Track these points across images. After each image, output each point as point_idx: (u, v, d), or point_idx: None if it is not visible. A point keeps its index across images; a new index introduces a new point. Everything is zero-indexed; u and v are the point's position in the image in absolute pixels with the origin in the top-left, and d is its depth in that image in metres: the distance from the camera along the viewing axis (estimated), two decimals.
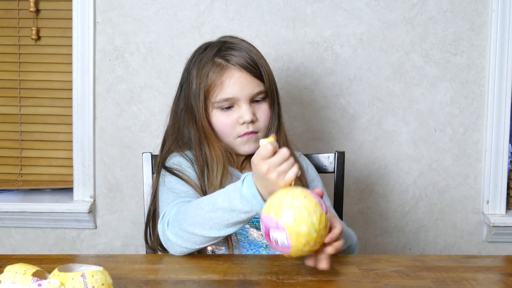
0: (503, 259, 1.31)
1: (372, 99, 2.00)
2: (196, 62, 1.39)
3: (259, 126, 1.37)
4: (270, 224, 1.01)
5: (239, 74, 1.34)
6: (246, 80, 1.35)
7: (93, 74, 2.00)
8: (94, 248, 2.05)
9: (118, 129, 2.02)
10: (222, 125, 1.36)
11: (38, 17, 2.05)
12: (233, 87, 1.34)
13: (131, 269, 1.12)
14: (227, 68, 1.35)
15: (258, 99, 1.37)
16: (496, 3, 1.95)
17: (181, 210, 1.21)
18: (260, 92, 1.37)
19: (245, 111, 1.35)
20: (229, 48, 1.37)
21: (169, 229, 1.20)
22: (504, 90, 1.98)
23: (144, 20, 1.99)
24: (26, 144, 2.09)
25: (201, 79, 1.36)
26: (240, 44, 1.39)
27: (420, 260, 1.20)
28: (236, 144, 1.38)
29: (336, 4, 1.97)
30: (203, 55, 1.39)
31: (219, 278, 1.07)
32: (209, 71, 1.35)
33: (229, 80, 1.34)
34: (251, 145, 1.37)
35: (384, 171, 2.03)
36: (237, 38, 1.42)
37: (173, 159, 1.39)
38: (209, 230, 1.15)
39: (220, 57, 1.36)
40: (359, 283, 1.05)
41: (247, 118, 1.34)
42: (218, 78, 1.34)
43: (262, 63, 1.38)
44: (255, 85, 1.36)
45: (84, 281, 0.89)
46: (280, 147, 1.17)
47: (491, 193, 2.01)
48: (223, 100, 1.34)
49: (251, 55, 1.37)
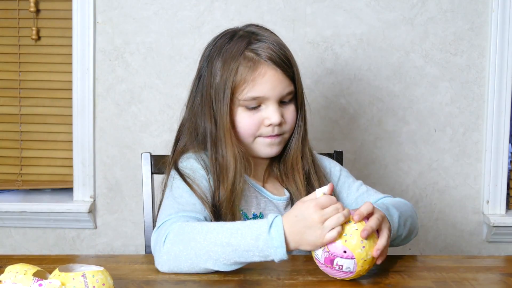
0: (503, 259, 1.31)
1: (372, 99, 2.00)
2: (222, 53, 1.26)
3: (285, 129, 1.28)
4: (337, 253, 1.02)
5: (272, 72, 1.23)
6: (278, 79, 1.24)
7: (93, 74, 2.00)
8: (94, 248, 2.05)
9: (118, 129, 2.02)
10: (245, 124, 1.25)
11: (38, 17, 2.05)
12: (265, 86, 1.23)
13: (131, 269, 1.12)
14: (259, 63, 1.23)
15: (286, 100, 1.27)
16: (496, 3, 1.95)
17: (185, 230, 1.08)
18: (290, 93, 1.26)
19: (274, 113, 1.24)
20: (260, 40, 1.25)
21: (166, 246, 1.08)
22: (504, 90, 1.98)
23: (144, 20, 1.99)
24: (26, 144, 2.09)
25: (229, 73, 1.23)
26: (271, 36, 1.27)
27: (421, 260, 1.20)
28: (256, 144, 1.28)
29: (336, 4, 1.97)
30: (230, 47, 1.26)
31: (219, 278, 1.07)
32: (239, 65, 1.23)
33: (261, 77, 1.23)
34: (274, 148, 1.28)
35: (384, 171, 2.03)
36: (264, 29, 1.31)
37: (188, 162, 1.27)
38: (214, 262, 1.06)
39: (250, 50, 1.24)
40: (359, 283, 1.05)
41: (274, 120, 1.24)
42: (250, 74, 1.22)
43: (294, 62, 1.28)
44: (286, 84, 1.25)
45: (85, 281, 0.89)
46: (304, 153, 1.21)
47: (491, 193, 2.01)
48: (251, 98, 1.23)
49: (284, 51, 1.26)
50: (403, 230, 1.23)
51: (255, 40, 1.25)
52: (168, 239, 1.08)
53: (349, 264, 1.02)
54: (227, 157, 1.24)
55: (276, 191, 1.35)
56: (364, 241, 1.02)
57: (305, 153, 1.33)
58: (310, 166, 1.33)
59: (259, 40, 1.25)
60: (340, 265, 1.02)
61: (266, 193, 1.32)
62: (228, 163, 1.23)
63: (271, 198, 1.32)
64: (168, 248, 1.08)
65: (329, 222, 1.01)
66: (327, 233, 1.01)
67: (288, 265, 1.14)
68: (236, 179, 1.23)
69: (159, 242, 1.10)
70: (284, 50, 1.26)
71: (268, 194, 1.33)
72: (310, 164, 1.33)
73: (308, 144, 1.34)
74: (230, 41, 1.27)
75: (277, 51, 1.24)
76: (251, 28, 1.30)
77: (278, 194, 1.34)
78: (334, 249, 1.02)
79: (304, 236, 1.02)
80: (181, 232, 1.08)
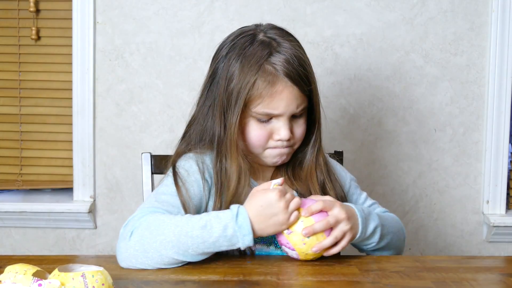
0: (503, 260, 1.32)
1: (372, 99, 2.00)
2: (241, 57, 1.22)
3: (293, 142, 1.27)
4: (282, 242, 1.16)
5: (289, 89, 1.21)
6: (294, 97, 1.21)
7: (93, 74, 2.00)
8: (94, 248, 2.05)
9: (118, 129, 2.02)
10: (255, 136, 1.24)
11: (38, 17, 2.04)
12: (280, 103, 1.21)
13: (131, 269, 1.12)
14: (278, 80, 1.20)
15: (297, 114, 1.25)
16: (496, 3, 1.95)
17: (153, 223, 1.11)
18: (303, 109, 1.25)
19: (283, 129, 1.23)
20: (280, 52, 1.21)
21: (133, 240, 1.10)
22: (504, 90, 1.98)
23: (144, 20, 1.99)
24: (26, 144, 2.09)
25: (246, 84, 1.20)
26: (292, 48, 1.23)
27: (420, 260, 1.20)
28: (264, 155, 1.27)
29: (336, 4, 1.97)
30: (251, 53, 1.22)
31: (219, 278, 1.07)
32: (257, 78, 1.20)
33: (278, 95, 1.20)
34: (282, 158, 1.27)
35: (384, 171, 2.03)
36: (285, 34, 1.26)
37: (186, 162, 1.26)
38: (183, 254, 1.10)
39: (270, 63, 1.20)
40: (359, 283, 1.05)
41: (284, 136, 1.23)
42: (267, 90, 1.20)
43: (312, 75, 1.25)
44: (300, 101, 1.23)
45: (85, 281, 0.89)
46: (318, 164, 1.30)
47: (491, 193, 2.01)
48: (265, 114, 1.22)
49: (304, 66, 1.23)
50: (377, 239, 1.25)
51: (275, 52, 1.21)
52: (136, 233, 1.11)
53: (292, 254, 1.16)
54: (231, 169, 1.24)
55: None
56: (305, 238, 1.13)
57: (320, 163, 1.33)
58: (325, 176, 1.33)
59: (279, 52, 1.21)
60: (286, 251, 1.17)
61: None
62: (231, 174, 1.24)
63: None
64: (136, 241, 1.11)
65: (291, 206, 1.13)
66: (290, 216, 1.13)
67: (288, 265, 1.14)
68: (237, 191, 1.23)
69: (126, 236, 1.12)
70: (304, 66, 1.23)
71: None
72: (325, 174, 1.33)
73: (322, 154, 1.33)
74: (250, 45, 1.23)
75: (297, 67, 1.21)
76: (272, 33, 1.25)
77: None
78: (281, 238, 1.16)
79: (270, 221, 1.12)
80: (149, 225, 1.11)
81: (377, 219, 1.25)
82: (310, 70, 1.25)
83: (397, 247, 1.33)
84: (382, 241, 1.27)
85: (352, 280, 1.06)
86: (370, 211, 1.26)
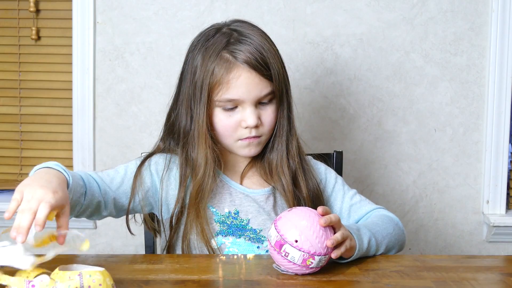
0: (503, 259, 1.31)
1: (372, 99, 2.00)
2: (203, 48, 1.27)
3: (262, 130, 1.28)
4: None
5: (247, 74, 1.23)
6: (254, 82, 1.23)
7: (93, 74, 2.00)
8: (94, 248, 2.05)
9: (118, 129, 2.02)
10: (223, 126, 1.26)
11: (38, 17, 2.05)
12: (239, 89, 1.23)
13: (131, 269, 1.13)
14: (235, 66, 1.23)
15: (264, 101, 1.27)
16: (496, 3, 1.95)
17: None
18: (267, 94, 1.26)
19: (250, 115, 1.24)
20: (239, 41, 1.24)
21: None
22: (504, 90, 1.98)
23: (144, 20, 1.99)
24: (26, 144, 2.09)
25: (206, 73, 1.24)
26: (252, 37, 1.25)
27: (420, 260, 1.20)
28: (236, 146, 1.29)
29: (336, 4, 1.97)
30: (211, 43, 1.26)
31: (219, 278, 1.07)
32: (215, 66, 1.23)
33: (236, 80, 1.23)
34: (252, 149, 1.29)
35: (384, 171, 2.03)
36: (249, 27, 1.29)
37: (159, 158, 1.33)
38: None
39: (228, 51, 1.24)
40: (359, 283, 1.05)
41: (251, 123, 1.24)
42: (224, 76, 1.23)
43: (273, 62, 1.25)
44: (263, 86, 1.25)
45: (81, 280, 0.89)
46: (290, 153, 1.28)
47: (491, 193, 2.01)
48: (227, 100, 1.24)
49: (262, 52, 1.24)
50: (376, 249, 1.22)
51: (235, 41, 1.25)
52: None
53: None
54: (197, 158, 1.26)
55: (256, 186, 1.35)
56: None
57: (292, 154, 1.32)
58: (297, 167, 1.32)
59: (238, 41, 1.25)
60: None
61: (242, 188, 1.33)
62: (198, 164, 1.25)
63: (247, 193, 1.33)
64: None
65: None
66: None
67: None
68: (204, 180, 1.25)
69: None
70: (262, 53, 1.24)
71: (244, 189, 1.33)
72: (297, 165, 1.33)
73: (296, 144, 1.33)
74: (212, 37, 1.27)
75: (254, 53, 1.23)
76: (236, 25, 1.29)
77: (258, 188, 1.34)
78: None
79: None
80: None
81: (366, 230, 1.21)
82: (272, 56, 1.26)
83: (398, 244, 1.31)
84: (381, 248, 1.24)
85: (352, 280, 1.06)
86: (358, 226, 1.21)
